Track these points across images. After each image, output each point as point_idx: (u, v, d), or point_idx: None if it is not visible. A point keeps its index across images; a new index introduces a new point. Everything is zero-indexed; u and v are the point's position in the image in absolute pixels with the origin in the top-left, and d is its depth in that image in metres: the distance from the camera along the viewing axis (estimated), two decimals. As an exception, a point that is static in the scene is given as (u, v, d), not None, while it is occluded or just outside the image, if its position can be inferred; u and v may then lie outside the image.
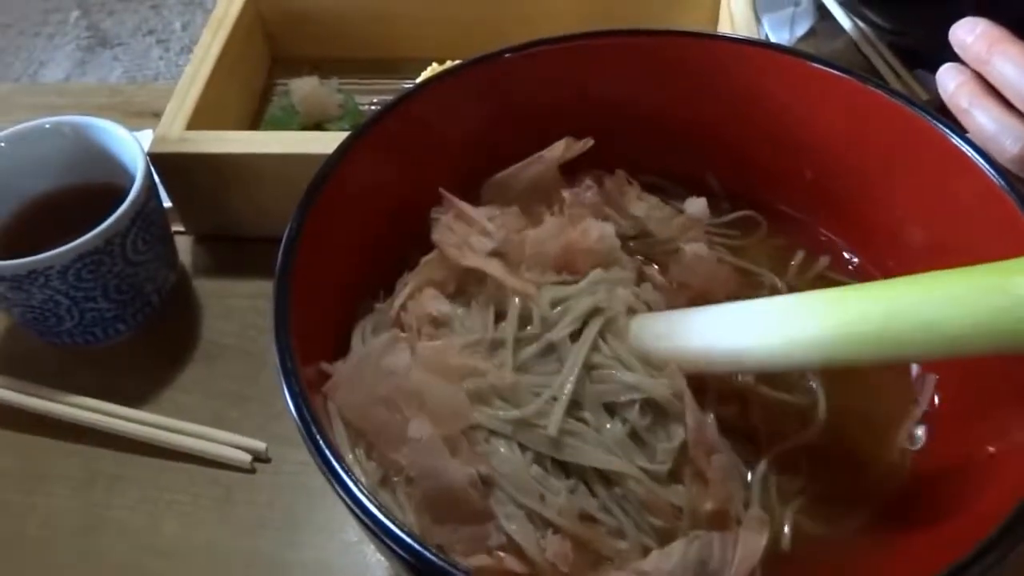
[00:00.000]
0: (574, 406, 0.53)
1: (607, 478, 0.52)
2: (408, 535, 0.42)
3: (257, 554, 0.65)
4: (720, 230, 0.68)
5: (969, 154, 0.55)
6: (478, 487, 0.50)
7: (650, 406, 0.53)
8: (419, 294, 0.59)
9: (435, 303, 0.58)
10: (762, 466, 0.56)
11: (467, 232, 0.60)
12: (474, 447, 0.51)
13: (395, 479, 0.52)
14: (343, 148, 0.58)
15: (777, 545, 0.53)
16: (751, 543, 0.50)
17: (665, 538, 0.51)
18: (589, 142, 0.65)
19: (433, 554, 0.41)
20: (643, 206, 0.66)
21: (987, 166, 0.54)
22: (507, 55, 0.64)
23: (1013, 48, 0.62)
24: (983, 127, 0.62)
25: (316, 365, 0.53)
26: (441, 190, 0.62)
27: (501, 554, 0.49)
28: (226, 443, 0.70)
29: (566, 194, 0.63)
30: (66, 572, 0.65)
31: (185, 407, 0.73)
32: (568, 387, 0.53)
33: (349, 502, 0.44)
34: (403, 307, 0.59)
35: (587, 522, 0.51)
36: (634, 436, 0.53)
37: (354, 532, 0.65)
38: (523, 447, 0.51)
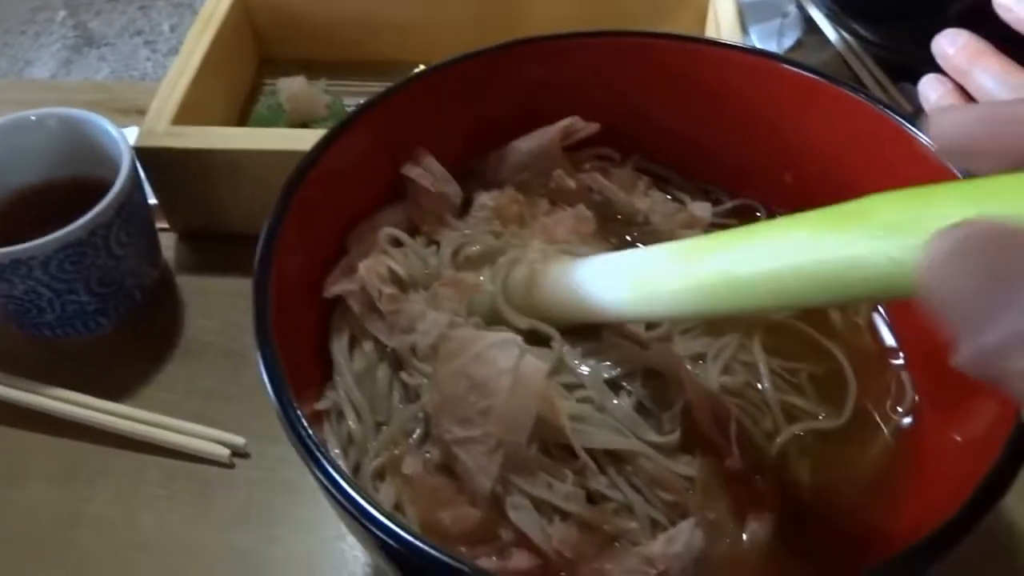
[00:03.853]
0: (576, 387, 0.54)
1: (616, 455, 0.52)
2: (387, 516, 0.41)
3: (235, 549, 0.65)
4: (719, 219, 0.68)
5: (946, 165, 0.56)
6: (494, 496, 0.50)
7: (651, 376, 0.54)
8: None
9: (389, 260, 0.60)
10: (782, 438, 0.56)
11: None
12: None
13: (404, 499, 0.52)
14: (326, 140, 0.58)
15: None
16: (760, 521, 0.51)
17: (675, 512, 0.51)
18: (595, 126, 0.66)
19: (412, 534, 0.41)
20: (648, 201, 0.67)
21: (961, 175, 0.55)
22: (493, 52, 0.64)
23: (993, 61, 0.63)
24: None
25: (297, 353, 0.53)
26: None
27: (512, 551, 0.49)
28: (205, 437, 0.69)
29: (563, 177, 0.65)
30: (45, 566, 0.64)
31: (166, 403, 0.73)
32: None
33: (324, 480, 0.43)
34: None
35: (596, 502, 0.51)
36: (640, 408, 0.54)
37: (333, 527, 0.65)
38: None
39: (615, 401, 0.54)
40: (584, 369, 0.55)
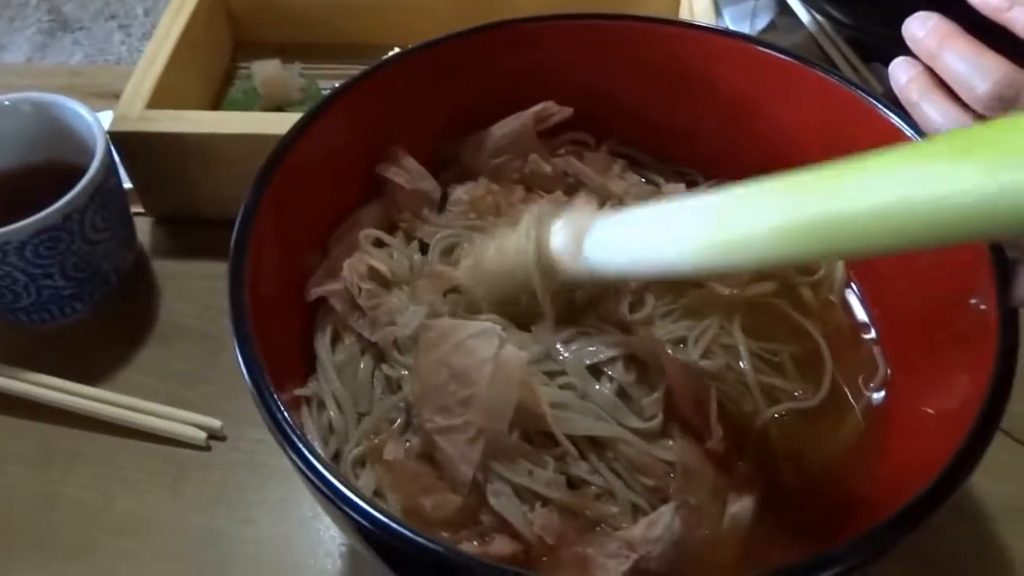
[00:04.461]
0: (559, 374, 0.54)
1: (597, 442, 0.52)
2: (361, 496, 0.42)
3: (211, 530, 0.65)
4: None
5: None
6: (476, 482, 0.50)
7: (633, 361, 0.54)
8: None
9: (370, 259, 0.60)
10: (762, 419, 0.57)
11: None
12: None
13: (385, 486, 0.52)
14: (300, 126, 0.58)
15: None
16: (740, 504, 0.51)
17: (656, 496, 0.51)
18: (568, 110, 0.66)
19: (386, 514, 0.41)
20: (623, 184, 0.67)
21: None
22: (468, 35, 0.64)
23: (963, 44, 0.63)
24: (931, 120, 0.62)
25: (276, 341, 0.54)
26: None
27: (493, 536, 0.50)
28: (181, 421, 0.70)
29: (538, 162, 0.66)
30: (21, 549, 0.65)
31: (142, 387, 0.73)
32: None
33: (299, 462, 0.43)
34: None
35: (576, 487, 0.51)
36: (621, 394, 0.54)
37: (309, 508, 0.65)
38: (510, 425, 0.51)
39: (597, 387, 0.54)
40: (566, 355, 0.55)
